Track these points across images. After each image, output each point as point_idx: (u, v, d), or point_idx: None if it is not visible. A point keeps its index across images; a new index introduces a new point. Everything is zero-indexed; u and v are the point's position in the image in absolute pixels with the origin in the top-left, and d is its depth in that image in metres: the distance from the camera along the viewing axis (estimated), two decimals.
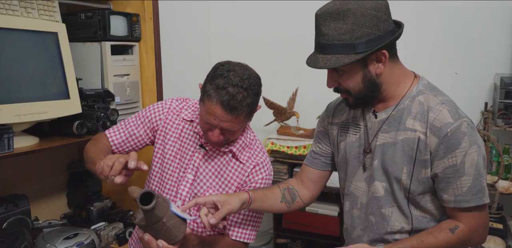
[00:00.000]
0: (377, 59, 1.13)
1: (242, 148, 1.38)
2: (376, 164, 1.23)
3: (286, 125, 2.57)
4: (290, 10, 2.68)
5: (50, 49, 1.50)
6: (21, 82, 1.40)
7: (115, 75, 1.71)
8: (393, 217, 1.23)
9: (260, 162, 1.39)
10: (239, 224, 1.37)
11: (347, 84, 1.17)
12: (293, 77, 2.69)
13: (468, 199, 1.14)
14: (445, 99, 1.18)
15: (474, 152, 1.12)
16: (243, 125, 1.30)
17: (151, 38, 1.81)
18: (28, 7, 1.46)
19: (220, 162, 1.39)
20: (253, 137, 1.44)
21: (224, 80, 1.20)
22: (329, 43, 1.10)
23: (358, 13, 1.07)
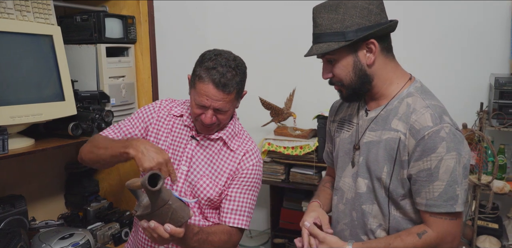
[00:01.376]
0: (367, 48, 1.17)
1: (232, 136, 1.44)
2: (361, 161, 1.26)
3: (283, 126, 2.58)
4: (288, 11, 2.69)
5: (45, 51, 1.52)
6: (16, 84, 1.42)
7: (111, 77, 1.73)
8: (372, 214, 1.25)
9: (250, 149, 1.44)
10: (234, 211, 1.41)
11: (339, 73, 1.20)
12: (290, 78, 2.70)
13: (438, 204, 1.13)
14: (432, 103, 1.18)
15: (452, 159, 1.11)
16: (233, 105, 1.37)
17: (147, 40, 1.83)
18: (24, 10, 1.48)
19: (212, 151, 1.44)
20: (241, 127, 1.50)
21: (213, 62, 1.30)
22: (322, 32, 1.16)
23: (349, 5, 1.14)
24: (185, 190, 1.43)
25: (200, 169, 1.43)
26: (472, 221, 2.15)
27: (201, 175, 1.42)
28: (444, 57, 2.42)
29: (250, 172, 1.42)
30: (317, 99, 2.52)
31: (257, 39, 2.81)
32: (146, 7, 1.80)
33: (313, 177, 2.38)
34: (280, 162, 2.47)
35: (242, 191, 1.41)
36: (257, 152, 1.46)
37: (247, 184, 1.42)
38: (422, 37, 2.42)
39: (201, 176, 1.42)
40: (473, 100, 2.33)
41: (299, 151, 2.37)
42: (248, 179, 1.42)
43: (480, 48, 2.34)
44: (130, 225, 1.91)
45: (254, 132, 2.83)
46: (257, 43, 2.81)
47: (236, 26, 2.86)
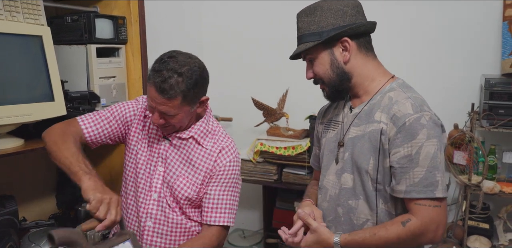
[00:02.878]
0: (343, 47, 1.23)
1: (204, 134, 1.44)
2: (347, 156, 1.28)
3: (275, 126, 2.59)
4: (281, 11, 2.70)
5: (35, 52, 1.51)
6: (5, 85, 1.42)
7: (101, 77, 1.73)
8: (358, 209, 1.26)
9: (226, 146, 1.44)
10: (215, 209, 1.41)
11: (318, 71, 1.26)
12: (283, 78, 2.70)
13: (418, 190, 1.15)
14: (412, 95, 1.22)
15: (432, 145, 1.14)
16: (184, 110, 1.33)
17: (137, 41, 1.83)
18: (13, 11, 1.48)
19: (186, 151, 1.44)
20: (217, 125, 1.49)
21: (162, 64, 1.29)
22: (301, 34, 1.25)
23: (325, 7, 1.22)
24: (164, 191, 1.44)
25: (176, 169, 1.44)
26: (462, 221, 2.16)
27: (177, 175, 1.43)
28: (435, 57, 2.43)
29: (228, 169, 1.42)
30: (310, 100, 2.51)
31: (250, 40, 2.81)
32: (136, 7, 1.80)
33: (306, 178, 2.39)
34: (272, 162, 2.47)
35: (221, 188, 1.42)
36: (233, 148, 1.46)
37: (225, 181, 1.42)
38: (414, 38, 2.42)
39: (178, 176, 1.43)
40: (464, 100, 2.34)
41: (291, 152, 2.37)
42: (226, 176, 1.42)
43: (471, 48, 2.35)
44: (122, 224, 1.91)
45: (247, 132, 2.85)
46: (250, 44, 2.82)
47: (229, 27, 2.86)
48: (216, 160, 1.42)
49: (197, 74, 1.31)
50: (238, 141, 2.87)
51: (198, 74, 1.31)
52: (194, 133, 1.42)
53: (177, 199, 1.44)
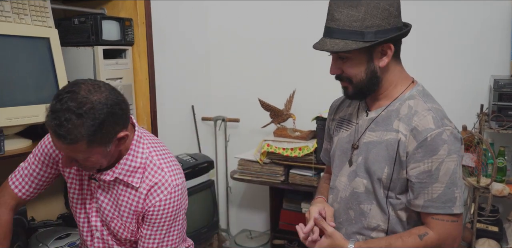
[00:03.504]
0: (382, 51, 1.17)
1: (132, 172, 1.22)
2: (360, 161, 1.26)
3: (282, 127, 2.58)
4: (290, 12, 2.70)
5: (42, 54, 1.53)
6: (13, 86, 1.44)
7: (108, 79, 1.74)
8: (371, 214, 1.25)
9: (158, 180, 1.23)
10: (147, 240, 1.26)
11: (350, 71, 1.19)
12: (290, 79, 2.70)
13: (436, 205, 1.15)
14: (433, 107, 1.20)
15: (452, 161, 1.13)
16: (93, 152, 1.11)
17: (144, 42, 1.84)
18: (21, 13, 1.50)
19: (116, 191, 1.26)
20: (147, 155, 1.25)
21: (58, 102, 1.05)
22: (339, 28, 1.13)
23: (371, 4, 1.12)
24: (105, 229, 1.33)
25: (109, 211, 1.29)
26: (471, 224, 2.13)
27: (111, 217, 1.29)
28: (444, 58, 2.41)
29: (158, 209, 1.22)
30: (317, 101, 2.51)
31: (257, 40, 2.82)
32: (143, 9, 1.81)
33: (312, 179, 2.38)
34: (279, 164, 2.47)
35: (152, 232, 1.25)
36: (168, 182, 1.23)
37: (156, 222, 1.24)
38: (422, 39, 2.40)
39: (112, 218, 1.29)
40: (473, 102, 2.32)
41: (298, 153, 2.37)
42: (157, 217, 1.23)
43: (480, 49, 2.32)
44: None
45: (255, 133, 2.85)
46: (257, 44, 2.82)
47: (235, 27, 2.87)
48: (145, 199, 1.23)
49: (104, 112, 1.06)
50: (245, 142, 2.91)
51: (106, 111, 1.06)
52: (118, 173, 1.22)
53: (120, 240, 1.32)
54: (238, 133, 2.99)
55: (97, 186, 1.28)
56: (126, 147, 1.21)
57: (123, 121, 1.13)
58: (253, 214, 3.04)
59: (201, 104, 2.94)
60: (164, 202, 1.22)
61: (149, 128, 1.91)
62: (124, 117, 1.13)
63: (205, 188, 2.55)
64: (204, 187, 2.53)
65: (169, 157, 1.30)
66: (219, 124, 2.96)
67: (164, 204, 1.22)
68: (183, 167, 2.35)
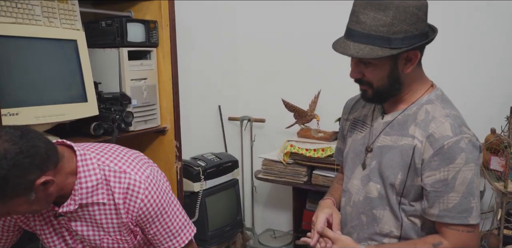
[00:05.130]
0: (407, 58, 1.13)
1: (92, 192, 1.16)
2: (374, 165, 1.24)
3: (306, 128, 2.59)
4: (316, 12, 2.69)
5: (70, 55, 1.60)
6: (41, 86, 1.52)
7: (132, 79, 1.80)
8: (383, 220, 1.23)
9: (128, 184, 1.17)
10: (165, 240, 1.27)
11: (372, 77, 1.15)
12: (316, 79, 2.70)
13: (452, 215, 1.12)
14: (451, 113, 1.16)
15: (469, 170, 1.10)
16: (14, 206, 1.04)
17: (168, 44, 1.89)
18: (51, 17, 1.58)
19: (89, 215, 1.20)
20: (101, 167, 1.17)
21: None
22: (365, 32, 1.08)
23: (400, 8, 1.06)
24: None
25: (93, 235, 1.23)
26: (498, 230, 2.07)
27: (100, 239, 1.24)
28: (472, 60, 2.34)
29: (147, 208, 1.18)
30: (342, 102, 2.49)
31: (284, 41, 2.82)
32: (167, 11, 1.86)
33: None
34: (302, 164, 2.47)
35: (158, 227, 1.23)
36: (137, 181, 1.17)
37: (155, 218, 1.21)
38: (448, 39, 2.34)
39: (101, 240, 1.24)
40: (503, 104, 2.23)
41: (321, 154, 2.37)
42: (151, 214, 1.20)
43: (509, 50, 2.24)
44: None
45: (280, 134, 2.86)
46: (284, 45, 2.83)
47: (263, 28, 2.89)
48: (126, 207, 1.18)
49: (4, 168, 0.96)
50: (271, 142, 2.93)
51: (6, 166, 0.96)
52: (79, 199, 1.14)
53: None
54: (263, 133, 3.01)
55: (67, 220, 1.21)
56: (71, 172, 1.13)
57: (37, 167, 1.02)
58: (277, 214, 3.05)
59: (228, 104, 2.98)
60: (147, 199, 1.17)
61: (172, 127, 1.96)
62: (37, 163, 1.01)
63: (229, 187, 2.59)
64: (228, 186, 2.57)
65: (124, 156, 1.23)
66: (245, 124, 2.99)
67: (148, 200, 1.17)
68: (207, 166, 2.40)
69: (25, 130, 1.03)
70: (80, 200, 1.15)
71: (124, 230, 1.23)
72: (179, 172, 2.00)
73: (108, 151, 1.22)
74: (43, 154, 1.03)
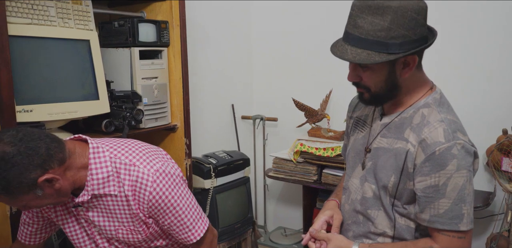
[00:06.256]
0: (405, 62, 1.12)
1: (103, 184, 1.21)
2: (369, 165, 1.25)
3: (317, 127, 2.60)
4: (329, 11, 2.70)
5: (83, 55, 1.67)
6: (55, 84, 1.58)
7: (143, 78, 1.86)
8: (377, 220, 1.24)
9: (136, 177, 1.21)
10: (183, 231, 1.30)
11: (369, 81, 1.15)
12: (328, 79, 2.70)
13: (442, 221, 1.12)
14: (447, 118, 1.14)
15: (461, 177, 1.09)
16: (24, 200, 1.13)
17: (178, 43, 1.93)
18: (65, 18, 1.64)
19: (103, 206, 1.27)
20: (113, 160, 1.23)
21: None
22: (362, 37, 1.07)
23: (399, 12, 1.04)
24: (114, 246, 1.36)
25: (109, 226, 1.30)
26: (508, 232, 2.04)
27: (115, 229, 1.30)
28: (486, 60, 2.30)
29: (156, 200, 1.22)
30: None
31: (297, 41, 2.84)
32: (178, 12, 1.90)
33: None
34: (312, 163, 2.49)
35: (171, 219, 1.26)
36: (146, 174, 1.21)
37: (167, 210, 1.25)
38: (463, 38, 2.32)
39: (116, 230, 1.30)
40: None
41: (331, 153, 2.38)
42: (163, 206, 1.23)
43: None
44: None
45: (292, 132, 2.88)
46: (297, 45, 2.85)
47: (277, 28, 2.91)
48: (136, 199, 1.23)
49: (3, 169, 1.05)
50: (283, 140, 2.95)
51: (4, 167, 1.05)
52: (91, 190, 1.21)
53: (134, 245, 1.35)
54: (276, 132, 3.04)
55: (85, 211, 1.28)
56: (84, 166, 1.19)
57: (37, 167, 1.08)
58: (288, 212, 3.07)
59: (241, 103, 3.01)
60: (155, 192, 1.21)
61: (182, 125, 2.01)
62: (37, 163, 1.08)
63: (240, 185, 2.62)
64: (239, 184, 2.60)
65: (137, 150, 1.27)
66: (258, 123, 3.02)
67: (157, 193, 1.21)
68: (218, 163, 2.44)
69: (27, 132, 1.10)
70: (92, 191, 1.21)
71: (136, 221, 1.27)
72: (188, 169, 2.05)
73: (122, 145, 1.27)
74: (44, 154, 1.09)
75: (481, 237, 2.32)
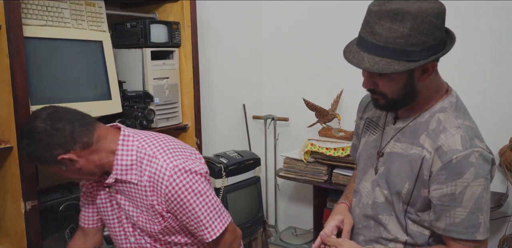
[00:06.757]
0: (424, 69, 1.08)
1: (126, 170, 1.28)
2: (382, 170, 1.22)
3: (328, 127, 2.60)
4: (339, 12, 2.70)
5: (95, 55, 1.70)
6: (68, 85, 1.62)
7: (155, 78, 1.88)
8: (389, 225, 1.21)
9: (155, 169, 1.26)
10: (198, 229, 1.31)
11: (386, 88, 1.11)
12: (339, 79, 2.70)
13: (458, 230, 1.09)
14: (464, 124, 1.11)
15: (478, 185, 1.06)
16: (56, 169, 1.27)
17: (189, 44, 1.95)
18: (79, 19, 1.67)
19: (127, 192, 1.34)
20: (139, 149, 1.29)
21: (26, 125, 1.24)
22: (380, 45, 1.02)
23: (418, 18, 0.98)
24: (138, 233, 1.41)
25: (132, 212, 1.36)
26: None
27: (136, 216, 1.36)
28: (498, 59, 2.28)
29: (172, 194, 1.25)
30: None
31: (309, 41, 2.84)
32: (189, 13, 1.93)
33: None
34: (323, 163, 2.49)
35: (186, 211, 1.28)
36: (164, 168, 1.25)
37: (181, 204, 1.27)
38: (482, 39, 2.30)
39: (137, 217, 1.35)
40: None
41: (341, 153, 2.38)
42: (177, 200, 1.26)
43: None
44: None
45: (303, 132, 2.88)
46: (308, 45, 2.85)
47: (288, 28, 2.91)
48: (154, 190, 1.27)
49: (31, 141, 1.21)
50: (294, 140, 2.95)
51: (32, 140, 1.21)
52: (115, 175, 1.29)
53: (153, 236, 1.38)
54: (287, 132, 3.05)
55: (115, 192, 1.36)
56: (112, 151, 1.28)
57: (59, 146, 1.20)
58: (299, 212, 3.08)
59: (252, 103, 3.03)
60: (171, 186, 1.23)
61: (193, 125, 2.03)
62: (58, 142, 1.20)
63: (251, 184, 2.64)
64: (249, 183, 2.62)
65: (164, 144, 1.31)
66: (269, 123, 3.03)
67: (173, 187, 1.24)
68: (229, 163, 2.46)
69: (62, 113, 1.25)
70: (116, 175, 1.29)
71: (152, 212, 1.31)
72: None
73: (152, 138, 1.34)
74: (67, 136, 1.21)
75: (493, 238, 2.30)
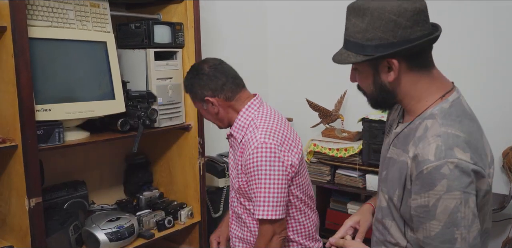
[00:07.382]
0: (388, 66, 1.07)
1: (239, 129, 1.56)
2: (383, 175, 1.22)
3: (331, 127, 2.61)
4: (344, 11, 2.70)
5: (100, 56, 1.73)
6: (73, 85, 1.65)
7: (158, 79, 1.91)
8: (391, 230, 1.21)
9: (250, 137, 1.49)
10: (256, 203, 1.46)
11: (361, 83, 1.17)
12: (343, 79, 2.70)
13: (435, 244, 1.04)
14: (447, 132, 1.04)
15: (452, 199, 0.99)
16: (197, 106, 1.63)
17: (193, 45, 1.98)
18: (84, 20, 1.70)
19: (234, 147, 1.63)
20: (254, 117, 1.55)
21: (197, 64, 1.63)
22: (346, 38, 1.10)
23: (375, 14, 1.02)
24: (232, 187, 1.64)
25: (231, 164, 1.65)
26: None
27: (231, 170, 1.64)
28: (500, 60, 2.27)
29: (249, 162, 1.45)
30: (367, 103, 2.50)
31: (314, 42, 2.85)
32: (192, 14, 1.94)
33: (357, 180, 2.38)
34: (326, 163, 2.50)
35: (252, 183, 1.47)
36: (256, 139, 1.45)
37: (253, 174, 1.45)
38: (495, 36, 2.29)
39: (231, 170, 1.64)
40: None
41: (344, 153, 2.38)
42: (251, 169, 1.45)
43: None
44: (175, 214, 2.08)
45: (307, 133, 2.89)
46: (313, 46, 2.86)
47: (293, 28, 2.93)
48: (243, 151, 1.50)
49: (192, 77, 1.57)
50: None
51: (192, 76, 1.57)
52: (232, 130, 1.58)
53: (239, 192, 1.58)
54: None
55: (230, 145, 1.66)
56: (238, 111, 1.57)
57: (209, 89, 1.53)
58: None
59: None
60: (252, 155, 1.44)
61: (196, 125, 2.05)
62: (211, 86, 1.52)
63: None
64: None
65: (273, 122, 1.53)
66: None
67: (253, 157, 1.44)
68: None
69: (225, 67, 1.59)
70: (233, 131, 1.58)
71: (235, 169, 1.57)
72: (201, 168, 2.09)
73: (271, 114, 1.58)
74: (219, 85, 1.53)
75: (496, 240, 2.29)
